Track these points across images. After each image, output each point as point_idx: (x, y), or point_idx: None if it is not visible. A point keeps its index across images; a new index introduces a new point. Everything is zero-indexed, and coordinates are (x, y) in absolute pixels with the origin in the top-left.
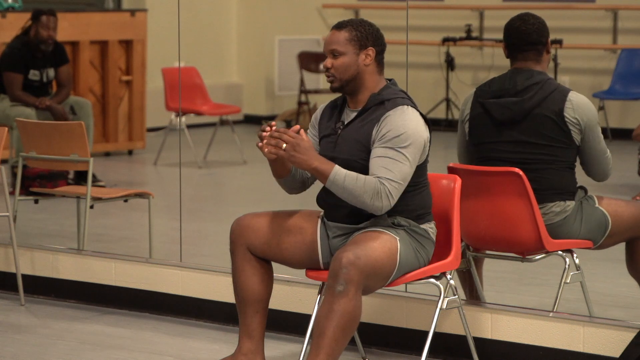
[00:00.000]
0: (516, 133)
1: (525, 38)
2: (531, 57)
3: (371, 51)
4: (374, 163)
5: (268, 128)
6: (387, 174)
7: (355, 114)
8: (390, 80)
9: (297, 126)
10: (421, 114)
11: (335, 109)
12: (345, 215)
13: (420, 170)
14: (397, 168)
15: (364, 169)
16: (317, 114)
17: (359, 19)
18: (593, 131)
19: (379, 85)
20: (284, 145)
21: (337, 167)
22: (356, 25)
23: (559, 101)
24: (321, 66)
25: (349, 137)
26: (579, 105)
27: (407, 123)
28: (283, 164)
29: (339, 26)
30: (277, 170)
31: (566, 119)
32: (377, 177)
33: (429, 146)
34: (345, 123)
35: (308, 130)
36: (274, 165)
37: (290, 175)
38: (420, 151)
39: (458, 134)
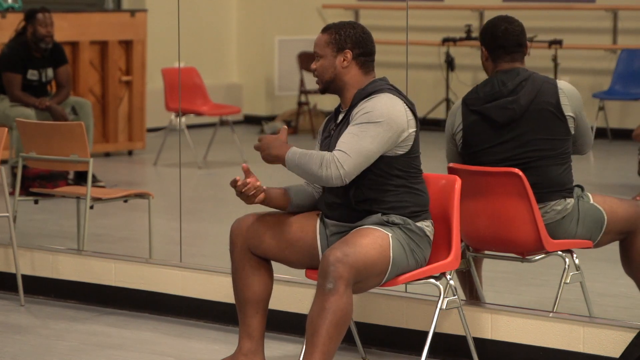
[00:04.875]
0: (517, 131)
1: (515, 40)
2: (518, 58)
3: (348, 54)
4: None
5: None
6: (341, 145)
7: (344, 113)
8: (382, 78)
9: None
10: (410, 106)
11: (332, 116)
12: (340, 213)
13: (407, 160)
14: (352, 140)
15: None
16: (324, 121)
17: (348, 22)
18: (582, 113)
19: (364, 83)
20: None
21: (293, 147)
22: (338, 29)
23: (552, 93)
24: None
25: (338, 136)
26: (571, 94)
27: (377, 104)
28: (274, 203)
29: (324, 29)
30: (274, 207)
31: (564, 109)
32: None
33: (414, 136)
34: (337, 124)
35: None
36: (268, 204)
37: (291, 205)
38: (391, 134)
39: (448, 147)
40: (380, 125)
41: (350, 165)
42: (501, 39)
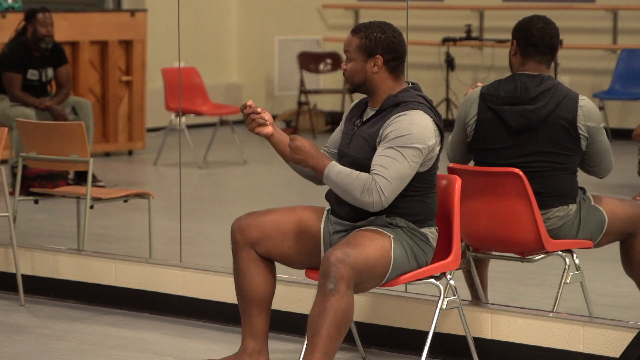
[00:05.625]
0: (529, 141)
1: (549, 41)
2: (546, 61)
3: (379, 60)
4: (374, 161)
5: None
6: (382, 170)
7: (373, 112)
8: (413, 83)
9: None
10: (437, 121)
11: (360, 106)
12: (346, 212)
13: (425, 177)
14: (393, 166)
15: (369, 168)
16: (347, 110)
17: (378, 23)
18: (600, 133)
19: (395, 88)
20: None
21: (332, 163)
22: (368, 32)
23: (572, 109)
24: (321, 66)
25: (361, 136)
26: (589, 113)
27: (413, 126)
28: (279, 146)
29: (354, 30)
30: (281, 153)
31: (578, 128)
32: (372, 173)
33: (438, 154)
34: (363, 121)
35: (340, 125)
36: (276, 148)
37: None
38: (424, 156)
39: (456, 133)
40: (416, 149)
41: (391, 192)
42: (536, 37)
